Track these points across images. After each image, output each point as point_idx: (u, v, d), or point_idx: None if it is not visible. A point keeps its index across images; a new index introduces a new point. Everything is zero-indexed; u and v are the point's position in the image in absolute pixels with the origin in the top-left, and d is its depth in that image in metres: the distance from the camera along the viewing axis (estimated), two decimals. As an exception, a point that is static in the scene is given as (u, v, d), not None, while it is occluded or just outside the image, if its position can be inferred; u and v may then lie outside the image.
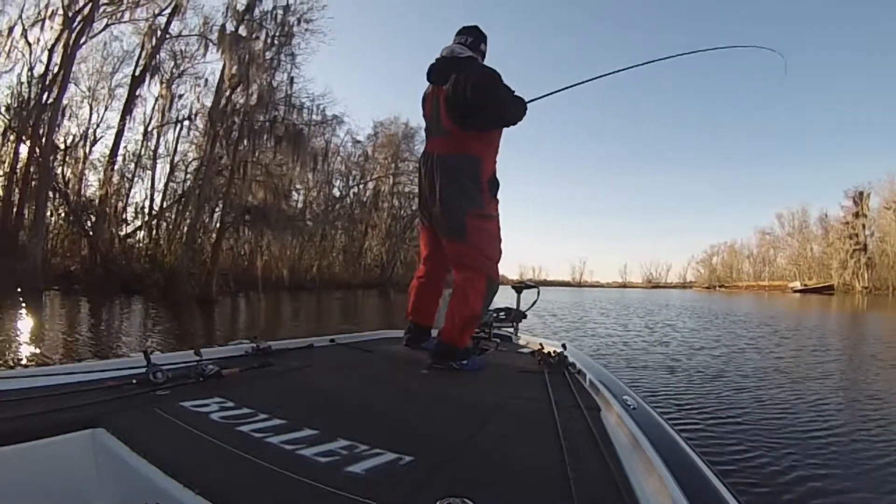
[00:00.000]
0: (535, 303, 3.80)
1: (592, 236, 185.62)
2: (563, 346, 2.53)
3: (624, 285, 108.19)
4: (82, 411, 1.17)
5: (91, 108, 18.26)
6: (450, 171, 2.27)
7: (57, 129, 16.04)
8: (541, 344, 2.79)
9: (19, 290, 12.51)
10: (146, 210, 18.93)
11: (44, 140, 14.53)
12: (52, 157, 14.77)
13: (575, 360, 2.24)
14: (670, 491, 0.88)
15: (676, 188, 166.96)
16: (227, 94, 16.94)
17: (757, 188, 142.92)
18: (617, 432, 1.29)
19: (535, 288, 3.79)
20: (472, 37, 2.40)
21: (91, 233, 15.80)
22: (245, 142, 16.34)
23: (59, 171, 15.65)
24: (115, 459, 1.04)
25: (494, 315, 3.38)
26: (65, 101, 16.86)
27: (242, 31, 17.23)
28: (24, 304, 11.59)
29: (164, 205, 18.73)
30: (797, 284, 56.47)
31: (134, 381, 1.42)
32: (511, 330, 3.53)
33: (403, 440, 1.15)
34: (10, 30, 15.69)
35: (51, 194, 15.39)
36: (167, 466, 0.93)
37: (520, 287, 3.69)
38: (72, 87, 17.56)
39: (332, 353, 2.39)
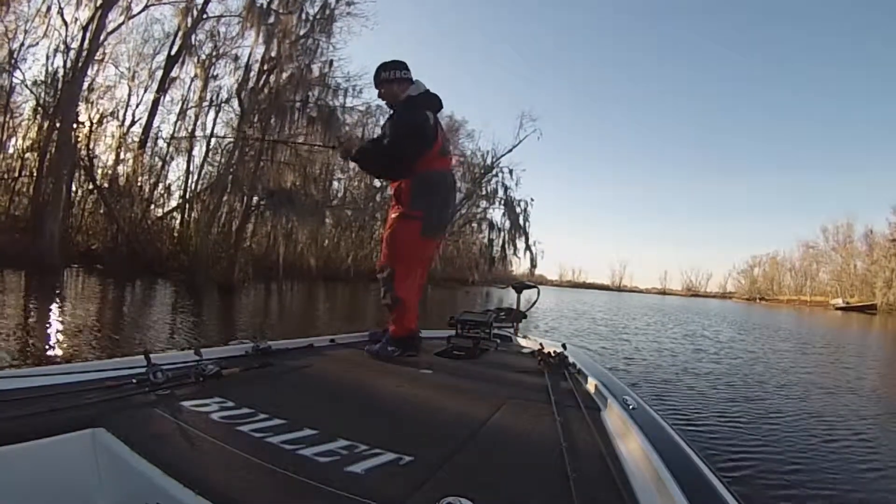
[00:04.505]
0: (535, 303, 3.44)
1: (633, 239, 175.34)
2: (564, 346, 2.36)
3: (663, 292, 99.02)
4: (82, 411, 1.06)
5: (130, 90, 16.33)
6: None
7: (89, 105, 14.11)
8: (541, 344, 2.56)
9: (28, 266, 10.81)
10: (178, 191, 16.89)
11: (65, 118, 12.48)
12: (74, 135, 12.69)
13: (575, 360, 2.09)
14: (670, 491, 0.82)
15: (720, 195, 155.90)
16: (265, 75, 14.64)
17: (805, 196, 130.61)
18: (617, 432, 1.20)
19: (535, 288, 3.38)
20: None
21: (116, 212, 13.67)
22: (274, 122, 13.84)
23: (86, 149, 13.57)
24: (115, 459, 0.95)
25: (494, 315, 2.95)
26: (100, 81, 15.00)
27: (281, 9, 14.87)
28: (30, 282, 9.84)
29: (198, 187, 16.54)
30: (839, 301, 49.56)
31: (134, 380, 1.28)
32: (511, 330, 3.16)
33: (403, 440, 1.07)
34: (48, 8, 13.81)
35: (76, 172, 13.35)
36: (167, 466, 0.85)
37: (520, 287, 3.30)
38: (110, 68, 15.73)
39: (332, 352, 2.18)
